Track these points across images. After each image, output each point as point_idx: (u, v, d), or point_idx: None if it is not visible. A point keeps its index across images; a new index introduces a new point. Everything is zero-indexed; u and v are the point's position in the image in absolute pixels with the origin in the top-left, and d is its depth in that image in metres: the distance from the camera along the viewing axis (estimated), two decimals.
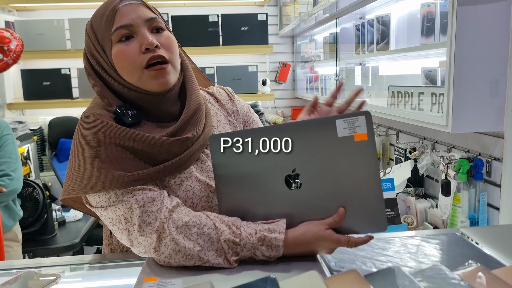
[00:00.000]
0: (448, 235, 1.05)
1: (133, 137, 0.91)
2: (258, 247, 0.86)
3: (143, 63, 0.93)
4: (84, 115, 0.97)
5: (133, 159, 0.91)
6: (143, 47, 0.93)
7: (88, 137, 0.92)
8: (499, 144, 1.51)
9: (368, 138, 0.85)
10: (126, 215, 0.88)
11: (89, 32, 0.98)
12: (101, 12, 0.97)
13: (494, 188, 1.56)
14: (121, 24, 0.94)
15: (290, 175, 0.88)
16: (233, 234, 0.87)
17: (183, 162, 0.96)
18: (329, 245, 0.87)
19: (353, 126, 0.86)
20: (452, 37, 1.39)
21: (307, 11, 2.95)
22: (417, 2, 1.86)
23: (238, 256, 0.87)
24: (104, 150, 0.90)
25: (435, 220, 1.77)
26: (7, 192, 1.99)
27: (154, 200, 0.89)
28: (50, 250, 2.44)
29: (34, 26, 3.44)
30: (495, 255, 0.92)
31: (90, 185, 0.89)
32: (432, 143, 1.94)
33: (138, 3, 0.97)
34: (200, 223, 0.88)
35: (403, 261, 0.91)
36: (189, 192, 0.96)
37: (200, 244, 0.86)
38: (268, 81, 3.76)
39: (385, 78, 2.24)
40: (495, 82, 1.43)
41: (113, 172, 0.88)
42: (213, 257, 0.86)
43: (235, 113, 1.16)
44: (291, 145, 0.88)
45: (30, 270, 0.95)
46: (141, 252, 0.90)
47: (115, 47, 0.95)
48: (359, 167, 0.85)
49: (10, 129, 2.15)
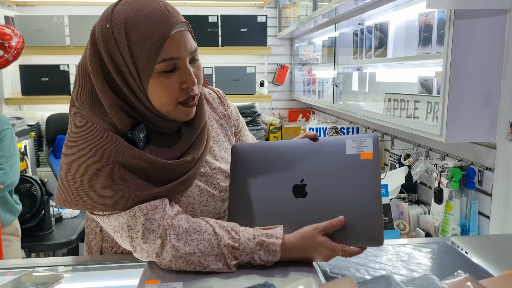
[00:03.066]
0: (439, 244, 1.08)
1: (146, 159, 0.90)
2: (256, 252, 0.89)
3: (179, 98, 0.92)
4: (87, 131, 0.90)
5: (144, 179, 0.91)
6: (185, 85, 0.91)
7: (98, 156, 0.88)
8: (491, 154, 1.55)
9: (373, 157, 0.93)
10: (130, 223, 0.89)
11: (120, 39, 0.86)
12: (146, 28, 0.85)
13: (485, 197, 1.60)
14: (171, 56, 0.87)
15: (298, 185, 0.96)
16: (232, 239, 0.90)
17: (190, 179, 0.98)
18: (325, 252, 0.89)
19: (360, 146, 0.95)
20: (448, 48, 1.43)
21: (307, 15, 2.98)
22: (415, 11, 1.90)
23: (237, 261, 0.90)
24: (118, 169, 0.88)
25: (427, 226, 1.80)
26: (3, 188, 2.02)
27: (157, 208, 0.90)
28: (46, 246, 2.46)
29: (34, 22, 3.44)
30: (483, 265, 0.95)
31: (101, 203, 0.88)
32: (426, 151, 1.97)
33: (186, 30, 0.91)
34: (200, 230, 0.91)
35: (395, 269, 0.94)
36: (190, 197, 1.00)
37: (200, 250, 0.89)
38: (265, 83, 3.79)
39: (382, 84, 2.28)
40: (489, 94, 1.47)
41: (126, 192, 0.88)
42: (213, 262, 0.89)
43: (227, 117, 1.18)
44: (303, 158, 0.97)
45: (33, 270, 0.97)
46: (144, 257, 0.92)
47: (155, 78, 0.88)
48: (362, 182, 0.92)
49: (10, 124, 2.17)
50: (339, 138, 0.97)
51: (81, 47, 3.46)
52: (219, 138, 1.13)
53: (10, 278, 0.94)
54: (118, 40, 0.86)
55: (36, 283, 0.92)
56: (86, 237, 1.10)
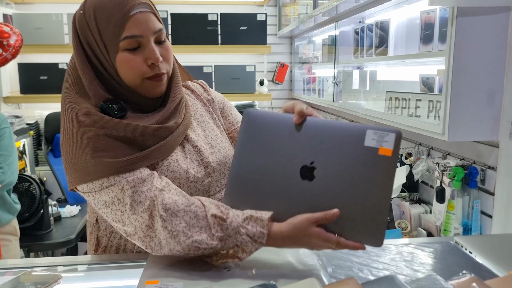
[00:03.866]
0: (442, 244, 1.07)
1: (124, 127, 0.96)
2: (244, 226, 0.88)
3: (146, 74, 0.99)
4: (70, 114, 0.98)
5: (125, 147, 0.96)
6: (149, 61, 0.98)
7: (81, 133, 0.95)
8: (493, 153, 1.54)
9: (392, 155, 0.87)
10: (119, 196, 0.93)
11: (90, 20, 0.97)
12: (109, 9, 0.95)
13: (487, 196, 1.58)
14: (133, 34, 0.95)
15: (307, 166, 0.90)
16: (220, 212, 0.90)
17: (169, 146, 1.02)
18: (318, 243, 0.87)
19: (381, 140, 0.88)
20: (451, 46, 1.41)
21: (307, 13, 2.96)
22: (417, 9, 1.89)
23: (223, 233, 0.88)
24: (98, 140, 0.94)
25: (429, 225, 1.79)
26: (1, 187, 2.00)
27: (145, 180, 0.93)
28: (45, 245, 2.44)
29: (32, 20, 3.43)
30: (488, 265, 0.94)
31: (87, 173, 0.93)
32: (427, 149, 1.96)
33: (149, 11, 0.98)
34: (188, 202, 0.91)
35: (399, 269, 0.93)
36: (176, 173, 1.02)
37: (186, 221, 0.89)
38: (265, 81, 3.77)
39: (382, 83, 2.27)
40: (491, 92, 1.45)
41: (107, 160, 0.93)
42: (197, 233, 0.88)
43: (211, 102, 1.22)
44: (318, 139, 0.91)
45: (31, 270, 0.96)
46: (130, 233, 0.93)
47: (121, 53, 0.97)
48: (374, 179, 0.87)
49: (8, 122, 2.16)
50: (360, 127, 0.90)
51: None
52: (203, 119, 1.16)
53: (9, 278, 0.93)
54: (89, 23, 0.97)
55: (34, 283, 0.91)
56: (87, 231, 1.14)
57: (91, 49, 0.99)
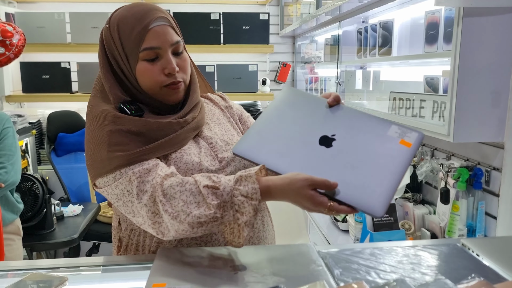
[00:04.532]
0: (449, 246, 1.06)
1: (137, 122, 1.02)
2: (236, 188, 0.91)
3: (163, 83, 1.05)
4: (92, 115, 1.06)
5: (138, 140, 1.01)
6: (166, 71, 1.04)
7: (100, 130, 1.02)
8: (499, 154, 1.54)
9: (410, 148, 0.93)
10: (128, 188, 0.97)
11: (114, 33, 1.05)
12: (131, 23, 1.03)
13: (492, 197, 1.58)
14: (151, 45, 1.02)
15: (327, 136, 0.97)
16: (212, 182, 0.93)
17: (180, 138, 1.06)
18: (308, 206, 0.88)
19: (403, 134, 0.95)
20: (457, 47, 1.41)
21: (310, 13, 2.96)
22: (421, 9, 1.88)
23: (219, 200, 0.91)
24: (113, 136, 1.00)
25: (433, 226, 1.79)
26: (5, 186, 2.00)
27: (150, 171, 0.98)
28: (48, 245, 2.44)
29: (35, 19, 3.42)
30: (496, 268, 0.94)
31: (102, 167, 0.99)
32: (431, 150, 1.96)
33: (167, 25, 1.05)
34: (182, 182, 0.95)
35: (406, 272, 0.93)
36: (189, 164, 1.05)
37: (183, 200, 0.93)
38: (268, 81, 3.77)
39: (386, 83, 2.26)
40: (497, 93, 1.45)
41: (119, 154, 0.98)
42: (195, 208, 0.91)
43: (229, 108, 1.27)
44: (345, 119, 0.99)
45: (37, 272, 0.96)
46: (142, 223, 0.98)
47: (140, 64, 1.04)
48: (389, 158, 0.92)
49: (11, 122, 2.16)
50: (386, 121, 0.98)
51: (82, 44, 3.44)
52: (220, 122, 1.21)
53: (13, 280, 0.93)
54: (113, 35, 1.05)
55: (40, 285, 0.90)
56: (112, 234, 1.19)
57: (114, 59, 1.06)
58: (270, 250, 1.02)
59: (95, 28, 3.42)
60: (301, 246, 1.03)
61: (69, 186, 3.35)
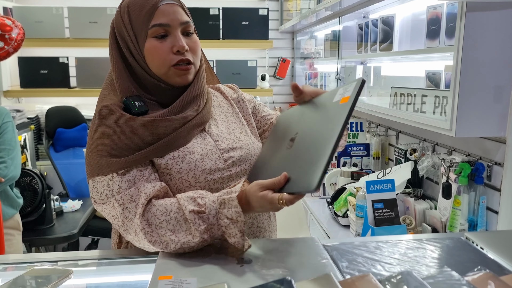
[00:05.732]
0: (453, 240, 1.07)
1: (135, 123, 1.00)
2: (221, 211, 0.91)
3: (172, 62, 1.04)
4: (96, 109, 1.06)
5: (140, 140, 1.00)
6: (174, 49, 1.03)
7: (98, 128, 1.01)
8: (500, 149, 1.54)
9: (348, 101, 0.86)
10: (112, 213, 0.98)
11: (124, 15, 1.05)
12: (140, 3, 1.03)
13: (494, 192, 1.58)
14: (160, 22, 1.02)
15: (292, 138, 0.97)
16: (197, 205, 0.93)
17: (181, 137, 1.04)
18: (265, 205, 0.89)
19: (346, 91, 0.90)
20: (459, 41, 1.41)
21: (310, 9, 2.95)
22: (422, 4, 1.87)
23: (206, 224, 0.91)
24: (110, 137, 0.99)
25: (434, 221, 1.79)
26: (5, 181, 1.99)
27: (132, 196, 0.97)
28: (48, 240, 2.44)
29: (33, 13, 3.40)
30: (500, 261, 0.94)
31: (100, 169, 0.99)
32: (432, 145, 1.96)
33: (177, 5, 1.05)
34: (166, 210, 0.95)
35: (412, 265, 0.93)
36: (191, 164, 1.04)
37: (170, 229, 0.93)
38: (267, 76, 3.76)
39: (387, 78, 2.26)
40: (499, 88, 1.45)
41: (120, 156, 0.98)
42: (184, 236, 0.92)
43: (241, 102, 1.26)
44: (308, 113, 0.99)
45: (42, 265, 0.95)
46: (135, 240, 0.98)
47: (149, 41, 1.03)
48: (326, 128, 0.87)
49: (11, 116, 2.15)
50: (337, 89, 0.95)
51: (81, 39, 3.42)
52: (228, 119, 1.20)
53: (15, 273, 0.92)
54: (123, 17, 1.05)
55: (45, 277, 0.90)
56: (112, 230, 1.19)
57: (124, 41, 1.06)
58: (275, 243, 1.02)
59: (93, 23, 3.40)
60: (306, 239, 1.03)
61: (67, 181, 3.34)
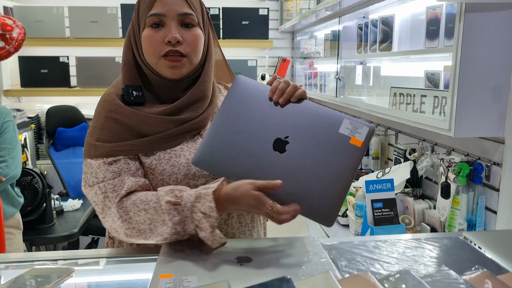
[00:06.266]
0: (451, 239, 1.07)
1: (128, 114, 1.02)
2: (196, 205, 0.92)
3: (162, 52, 1.03)
4: (105, 94, 1.10)
5: (127, 133, 1.02)
6: (166, 39, 1.02)
7: (97, 114, 1.06)
8: (499, 149, 1.55)
9: (361, 147, 0.94)
10: (94, 199, 1.01)
11: (136, 7, 1.08)
12: None
13: (492, 192, 1.59)
14: (156, 12, 1.02)
15: (281, 139, 0.95)
16: (174, 197, 0.93)
17: (168, 139, 1.04)
18: (255, 204, 0.90)
19: (354, 130, 0.95)
20: (458, 42, 1.42)
21: (310, 9, 2.96)
22: (422, 4, 1.88)
23: (181, 216, 0.92)
24: (105, 123, 1.03)
25: (433, 221, 1.80)
26: (5, 180, 2.00)
27: (115, 186, 0.99)
28: (48, 239, 2.44)
29: (33, 13, 3.41)
30: (498, 261, 0.95)
31: (88, 149, 1.03)
32: (431, 145, 1.97)
33: None
34: (146, 200, 0.96)
35: (410, 264, 0.94)
36: (175, 167, 1.03)
37: (149, 218, 0.95)
38: (267, 76, 3.77)
39: (386, 78, 2.27)
40: (498, 88, 1.46)
41: (99, 144, 1.01)
42: (160, 225, 0.93)
43: None
44: (298, 117, 0.97)
45: (43, 264, 0.96)
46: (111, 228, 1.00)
47: (146, 30, 1.04)
48: (339, 164, 0.93)
49: (11, 116, 2.15)
50: (338, 115, 0.96)
51: (81, 38, 3.43)
52: None
53: (16, 272, 0.93)
54: (136, 6, 1.08)
55: (47, 276, 0.91)
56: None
57: (133, 31, 1.09)
58: (275, 242, 1.03)
59: (94, 23, 3.41)
60: (305, 238, 1.04)
61: (68, 180, 3.35)
